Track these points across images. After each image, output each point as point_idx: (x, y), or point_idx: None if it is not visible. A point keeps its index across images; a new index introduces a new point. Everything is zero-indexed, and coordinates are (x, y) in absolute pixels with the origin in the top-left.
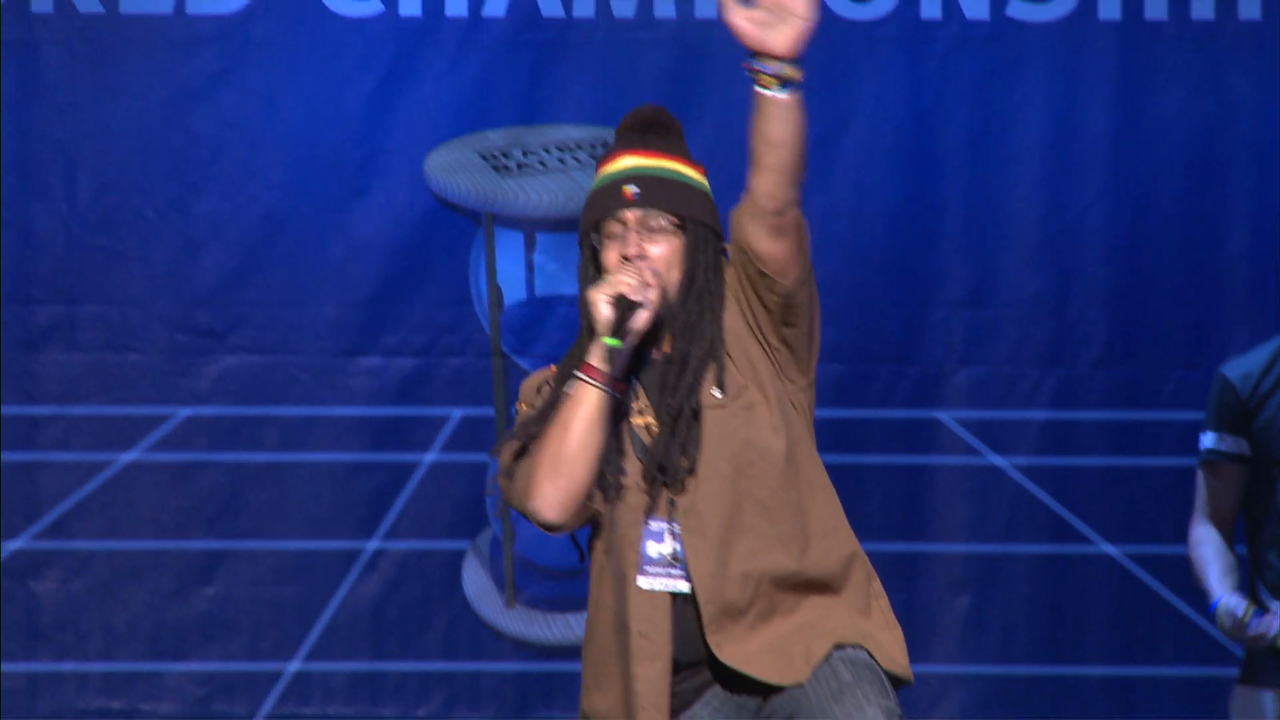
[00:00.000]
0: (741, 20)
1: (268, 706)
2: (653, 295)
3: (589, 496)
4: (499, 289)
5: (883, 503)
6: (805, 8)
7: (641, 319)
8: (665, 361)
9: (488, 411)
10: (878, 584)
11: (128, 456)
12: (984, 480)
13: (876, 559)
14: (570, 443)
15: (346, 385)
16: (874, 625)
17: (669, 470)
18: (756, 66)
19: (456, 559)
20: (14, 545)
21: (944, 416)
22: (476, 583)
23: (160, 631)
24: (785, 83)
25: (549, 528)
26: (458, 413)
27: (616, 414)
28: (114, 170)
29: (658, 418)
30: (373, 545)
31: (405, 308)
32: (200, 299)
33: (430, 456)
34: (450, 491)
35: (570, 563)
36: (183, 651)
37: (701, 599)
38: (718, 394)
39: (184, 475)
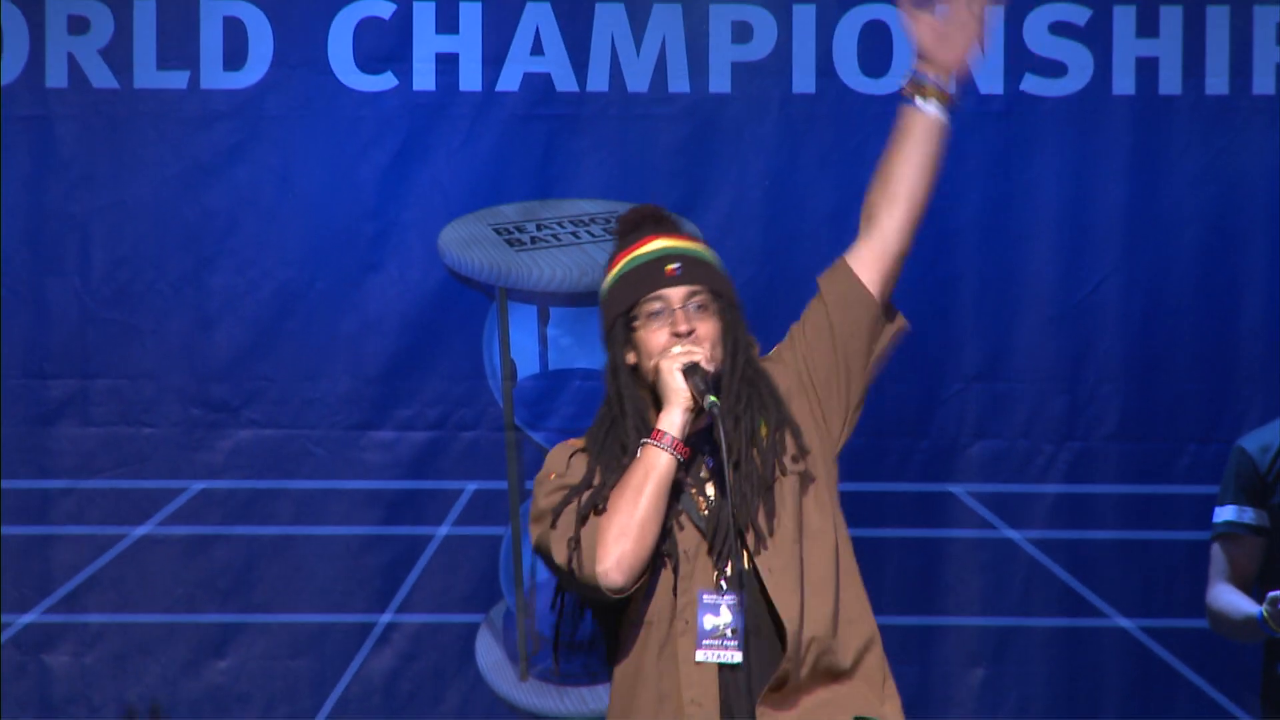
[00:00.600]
0: (923, 25)
1: None
2: (712, 367)
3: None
4: (512, 363)
5: (897, 575)
6: (981, 30)
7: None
8: (729, 435)
9: (501, 485)
10: (887, 666)
11: (141, 530)
12: (998, 553)
13: (891, 631)
14: (643, 506)
15: (360, 459)
16: (889, 708)
17: (752, 531)
18: (919, 76)
19: (470, 632)
20: (27, 619)
21: (958, 490)
22: (490, 655)
23: (174, 705)
24: (941, 103)
25: (616, 592)
26: (471, 486)
27: (676, 488)
28: (128, 245)
29: (718, 486)
30: (386, 618)
31: (419, 381)
32: (214, 373)
33: (444, 530)
34: (464, 564)
35: (583, 636)
36: None
37: (760, 673)
38: (789, 463)
39: (197, 548)
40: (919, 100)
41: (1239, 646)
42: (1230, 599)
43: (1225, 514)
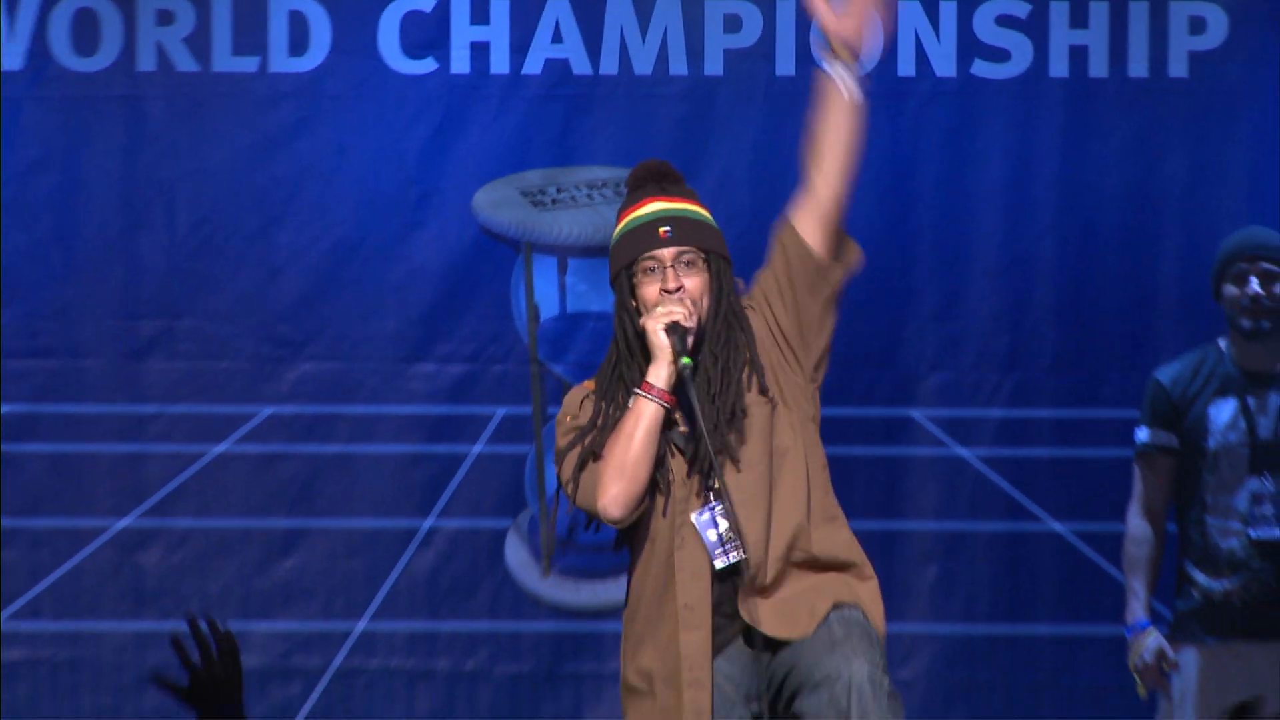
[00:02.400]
0: (821, 10)
1: (338, 660)
2: (693, 322)
3: (644, 497)
4: (536, 307)
5: (864, 487)
6: (873, 9)
7: (689, 341)
8: (709, 371)
9: (526, 410)
10: (866, 561)
11: (219, 448)
12: (950, 468)
13: (860, 534)
14: (634, 450)
15: (406, 388)
16: (865, 591)
17: (725, 453)
18: (826, 50)
19: (500, 535)
20: (123, 523)
21: (917, 414)
22: (517, 555)
23: (248, 597)
24: (848, 70)
25: (615, 523)
26: (500, 411)
27: (663, 425)
28: (207, 206)
29: (705, 417)
30: (428, 524)
31: (455, 322)
32: (280, 315)
33: (477, 448)
34: (494, 478)
35: (597, 539)
36: (267, 613)
37: (755, 574)
38: (757, 396)
39: (267, 464)
40: (828, 67)
41: (1173, 546)
42: (1134, 554)
43: (1143, 436)
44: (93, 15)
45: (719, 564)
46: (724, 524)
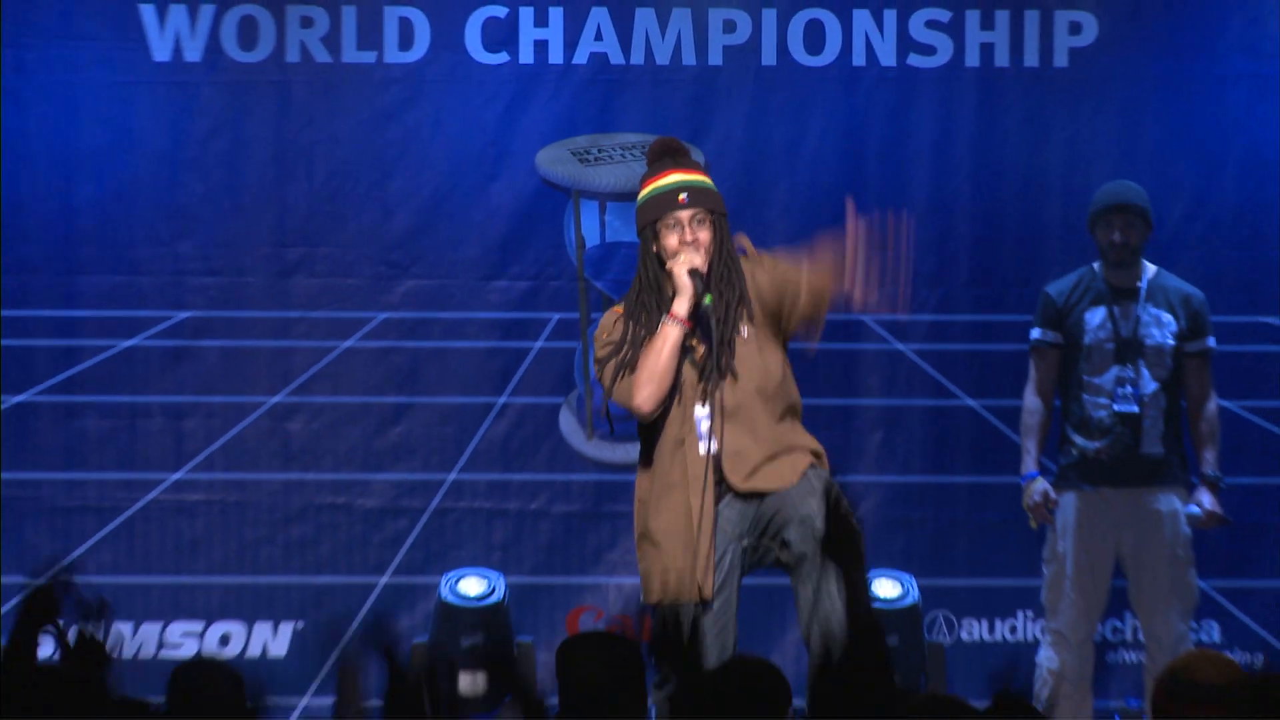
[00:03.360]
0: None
1: (435, 502)
2: (705, 266)
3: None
4: (582, 238)
5: (827, 374)
6: (863, 268)
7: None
8: (716, 307)
9: (574, 316)
10: (818, 442)
11: (346, 344)
12: (891, 359)
13: (822, 409)
14: (662, 363)
15: (485, 299)
16: (822, 461)
17: (727, 369)
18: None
19: (555, 409)
20: (275, 400)
21: (867, 319)
22: (567, 424)
23: (368, 454)
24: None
25: (644, 417)
26: (556, 316)
27: (681, 346)
28: (337, 163)
29: (710, 341)
30: (501, 400)
31: (522, 250)
32: (392, 244)
33: (539, 344)
34: (552, 366)
35: (624, 412)
36: (382, 467)
37: (728, 454)
38: (744, 331)
39: (381, 357)
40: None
41: (1057, 418)
42: (1028, 423)
43: (1035, 334)
44: (253, 20)
45: (701, 450)
46: (709, 423)
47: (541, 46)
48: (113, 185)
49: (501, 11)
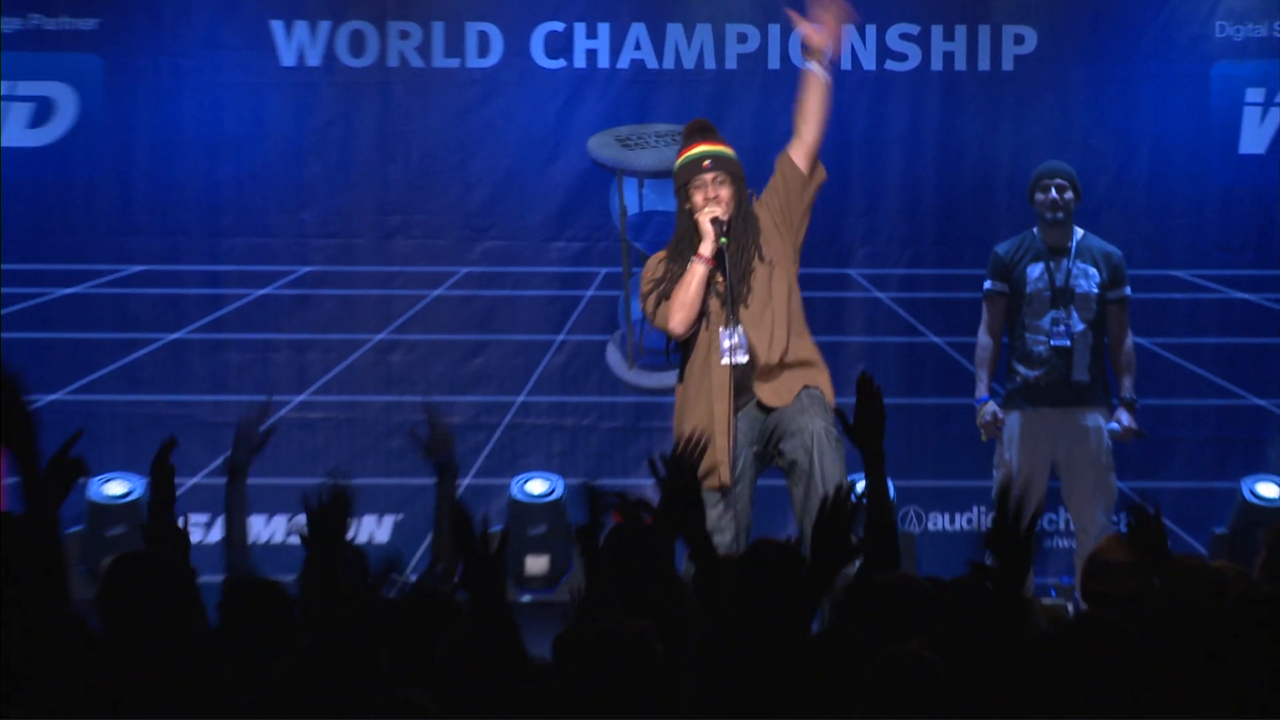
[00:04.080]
0: (805, 28)
1: (507, 419)
2: (726, 216)
3: (696, 321)
4: (625, 207)
5: (819, 317)
6: (839, 18)
7: (724, 228)
8: (735, 249)
9: (618, 270)
10: (823, 360)
11: (435, 293)
12: (871, 305)
13: (816, 345)
14: (691, 293)
15: (547, 256)
16: (823, 378)
17: (742, 297)
18: (807, 59)
19: (602, 345)
20: (379, 337)
21: (852, 272)
22: (614, 356)
23: (454, 381)
24: (820, 63)
25: (678, 337)
26: (603, 270)
27: (707, 280)
28: (429, 147)
29: (731, 274)
30: (559, 338)
31: (576, 216)
32: (472, 212)
33: (590, 292)
34: (600, 311)
35: (660, 347)
36: (465, 391)
37: (758, 367)
38: (759, 263)
39: (464, 303)
40: (807, 64)
41: (1004, 352)
42: (981, 358)
43: (987, 285)
44: (361, 33)
45: (724, 361)
46: (737, 339)
47: (592, 54)
48: (249, 166)
49: (560, 26)
